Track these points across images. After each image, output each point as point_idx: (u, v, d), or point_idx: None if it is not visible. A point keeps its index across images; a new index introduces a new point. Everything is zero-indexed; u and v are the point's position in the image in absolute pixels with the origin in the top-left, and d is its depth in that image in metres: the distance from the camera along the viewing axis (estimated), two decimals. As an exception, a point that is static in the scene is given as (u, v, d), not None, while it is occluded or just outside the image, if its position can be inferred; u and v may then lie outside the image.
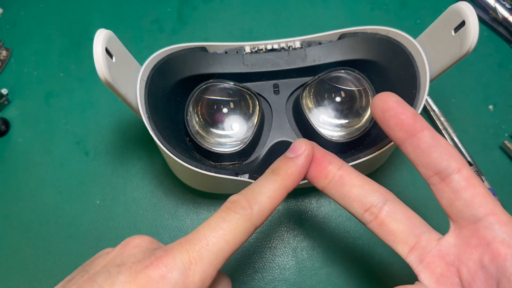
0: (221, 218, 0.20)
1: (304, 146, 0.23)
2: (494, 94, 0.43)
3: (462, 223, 0.20)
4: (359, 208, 0.22)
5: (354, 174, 0.23)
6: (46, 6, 0.47)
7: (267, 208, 0.21)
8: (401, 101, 0.21)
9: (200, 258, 0.19)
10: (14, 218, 0.39)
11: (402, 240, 0.22)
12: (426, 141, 0.21)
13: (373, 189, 0.22)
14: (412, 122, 0.21)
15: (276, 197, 0.22)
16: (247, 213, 0.20)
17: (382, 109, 0.21)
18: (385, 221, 0.22)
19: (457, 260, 0.20)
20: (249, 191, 0.22)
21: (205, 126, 0.34)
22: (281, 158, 0.23)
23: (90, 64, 0.42)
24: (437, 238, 0.21)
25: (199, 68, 0.34)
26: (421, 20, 0.46)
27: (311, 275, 0.37)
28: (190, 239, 0.20)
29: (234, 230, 0.20)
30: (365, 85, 0.34)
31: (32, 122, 0.42)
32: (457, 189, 0.20)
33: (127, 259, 0.20)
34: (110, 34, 0.26)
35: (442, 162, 0.20)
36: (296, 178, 0.22)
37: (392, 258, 0.38)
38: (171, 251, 0.19)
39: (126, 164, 0.41)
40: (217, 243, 0.19)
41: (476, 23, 0.26)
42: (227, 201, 0.21)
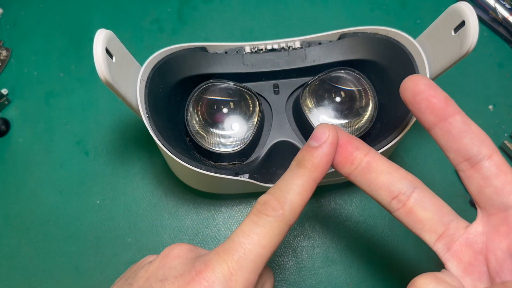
0: (254, 223, 0.20)
1: (328, 132, 0.21)
2: (494, 94, 0.43)
3: (491, 210, 0.20)
4: (386, 196, 0.21)
5: (382, 160, 0.22)
6: (46, 6, 0.47)
7: (299, 205, 0.21)
8: (432, 84, 0.20)
9: (240, 268, 0.19)
10: (14, 218, 0.39)
11: (430, 229, 0.21)
12: (457, 126, 0.20)
13: (401, 176, 0.21)
14: (443, 106, 0.20)
15: (306, 191, 0.21)
16: (279, 214, 0.20)
17: (413, 92, 0.21)
18: (414, 209, 0.21)
19: (485, 249, 0.20)
20: (277, 190, 0.21)
21: (205, 126, 0.34)
22: (305, 148, 0.22)
23: (90, 64, 0.42)
24: (465, 226, 0.21)
25: (199, 68, 0.34)
26: (421, 20, 0.46)
27: (311, 275, 0.37)
28: (227, 248, 0.19)
29: (269, 234, 0.20)
30: (365, 85, 0.34)
31: (32, 122, 0.42)
32: (487, 176, 0.20)
33: (168, 272, 0.20)
34: (110, 34, 0.26)
35: (473, 148, 0.20)
36: (323, 169, 0.21)
37: (392, 258, 0.38)
38: (210, 264, 0.19)
39: (126, 164, 0.41)
40: (254, 250, 0.19)
41: (476, 23, 0.26)
42: (257, 202, 0.21)
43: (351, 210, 0.39)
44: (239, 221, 0.39)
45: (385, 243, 0.38)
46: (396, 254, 0.38)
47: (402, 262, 0.38)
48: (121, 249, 0.38)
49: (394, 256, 0.38)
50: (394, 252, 0.38)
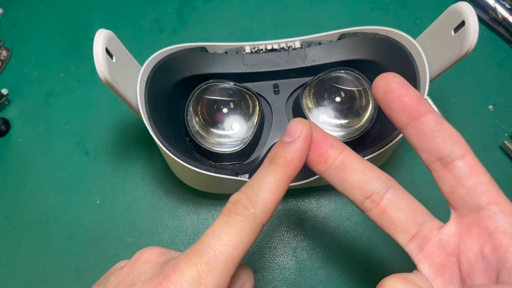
0: (224, 223, 0.19)
1: (301, 127, 0.20)
2: (494, 94, 0.43)
3: (463, 211, 0.20)
4: (359, 196, 0.21)
5: (356, 159, 0.21)
6: (46, 6, 0.47)
7: (271, 203, 0.20)
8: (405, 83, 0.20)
9: (210, 270, 0.18)
10: (14, 218, 0.39)
11: (403, 230, 0.21)
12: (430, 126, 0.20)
13: (375, 176, 0.21)
14: (416, 105, 0.20)
15: (279, 189, 0.20)
16: (251, 213, 0.19)
17: (384, 90, 0.20)
18: (387, 210, 0.21)
19: (457, 250, 0.20)
20: (249, 188, 0.20)
21: (205, 126, 0.34)
22: (278, 144, 0.21)
23: (90, 64, 0.42)
24: (439, 226, 0.20)
25: (199, 68, 0.34)
26: (421, 20, 0.46)
27: (311, 275, 0.37)
28: (196, 250, 0.19)
29: (239, 234, 0.19)
30: (365, 85, 0.34)
31: (32, 122, 0.42)
32: (459, 176, 0.19)
33: (137, 277, 0.19)
34: (110, 34, 0.27)
35: (446, 147, 0.19)
36: (297, 165, 0.21)
37: (391, 258, 0.38)
38: (179, 267, 0.18)
39: (126, 164, 0.41)
40: (224, 251, 0.19)
41: (476, 23, 0.26)
42: (228, 202, 0.20)
43: (351, 210, 0.39)
44: (239, 221, 0.39)
45: (385, 243, 0.38)
46: (396, 254, 0.38)
47: (402, 262, 0.38)
48: (121, 249, 0.38)
49: (394, 256, 0.38)
50: (394, 252, 0.38)
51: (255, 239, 0.20)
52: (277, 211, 0.39)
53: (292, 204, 0.40)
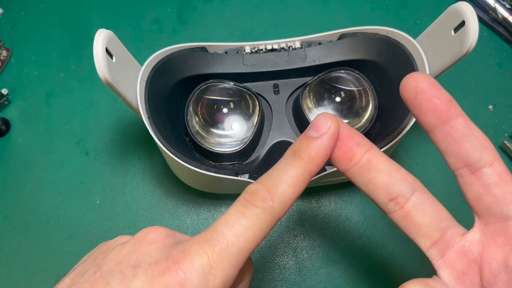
0: (240, 213, 0.18)
1: (329, 123, 0.19)
2: (493, 94, 0.43)
3: (489, 219, 0.19)
4: (384, 197, 0.20)
5: (383, 158, 0.20)
6: (46, 6, 0.47)
7: (290, 198, 0.19)
8: (435, 83, 0.19)
9: (221, 261, 0.17)
10: (14, 218, 0.39)
11: (426, 234, 0.20)
12: (460, 130, 0.19)
13: (401, 177, 0.20)
14: (446, 108, 0.19)
15: (299, 184, 0.19)
16: (269, 206, 0.18)
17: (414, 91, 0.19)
18: (411, 213, 0.20)
19: (480, 258, 0.19)
20: (269, 179, 0.19)
21: (205, 126, 0.34)
22: (302, 137, 0.20)
23: (90, 64, 0.42)
24: (462, 233, 0.20)
25: (199, 68, 0.34)
26: (421, 20, 0.46)
27: (311, 275, 0.37)
28: (208, 238, 0.18)
29: (255, 227, 0.18)
30: (365, 85, 0.34)
31: (32, 122, 0.42)
32: (487, 184, 0.19)
33: (142, 258, 0.18)
34: (110, 34, 0.26)
35: (475, 153, 0.19)
36: (321, 161, 0.19)
37: (391, 258, 0.38)
38: (189, 253, 0.17)
39: (126, 164, 0.41)
40: (237, 243, 0.18)
41: (476, 23, 0.26)
42: (245, 191, 0.19)
43: (351, 210, 0.39)
44: (239, 221, 0.39)
45: (385, 243, 0.38)
46: (396, 254, 0.38)
47: (402, 262, 0.38)
48: (121, 249, 0.38)
49: (394, 256, 0.38)
50: (394, 252, 0.38)
51: (269, 233, 0.19)
52: (277, 211, 0.39)
53: (292, 204, 0.40)
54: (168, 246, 0.19)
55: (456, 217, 0.21)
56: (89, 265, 0.20)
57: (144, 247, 0.19)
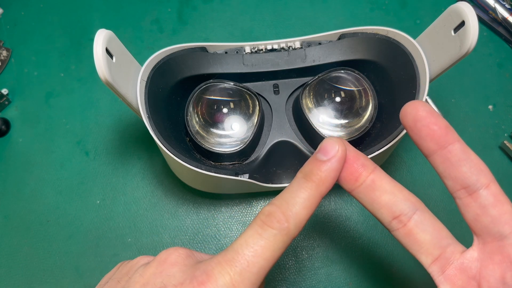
0: (258, 234, 0.20)
1: (337, 147, 0.21)
2: (493, 94, 0.43)
3: (487, 238, 0.20)
4: (387, 216, 0.21)
5: (386, 179, 0.22)
6: (46, 6, 0.47)
7: (304, 219, 0.20)
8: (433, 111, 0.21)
9: (242, 280, 0.19)
10: (14, 218, 0.39)
11: (427, 251, 0.21)
12: (457, 154, 0.20)
13: (404, 197, 0.21)
14: (444, 134, 0.20)
15: (312, 205, 0.21)
16: (285, 227, 0.20)
17: (414, 118, 0.20)
18: (413, 231, 0.21)
19: (478, 275, 0.20)
20: (283, 202, 0.21)
21: (205, 126, 0.35)
22: (312, 160, 0.21)
23: (90, 64, 0.42)
24: (461, 250, 0.21)
25: (199, 68, 0.34)
26: (421, 20, 0.46)
27: (311, 275, 0.37)
28: (229, 259, 0.19)
29: (272, 247, 0.19)
30: (365, 85, 0.34)
31: (32, 122, 0.42)
32: (484, 205, 0.20)
33: (167, 280, 0.19)
34: (111, 34, 0.27)
35: (471, 176, 0.20)
36: (330, 183, 0.21)
37: (391, 258, 0.38)
38: (213, 275, 0.19)
39: (126, 164, 0.41)
40: (257, 263, 0.19)
41: (476, 23, 0.26)
42: (261, 213, 0.20)
43: (351, 210, 0.39)
44: (239, 221, 0.39)
45: (385, 243, 0.38)
46: (396, 254, 0.38)
47: (402, 262, 0.38)
48: (121, 249, 0.38)
49: (394, 256, 0.38)
50: (394, 252, 0.38)
51: (283, 251, 0.20)
52: (277, 211, 0.39)
53: (292, 204, 0.40)
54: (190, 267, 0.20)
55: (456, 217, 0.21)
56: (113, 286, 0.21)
57: (167, 269, 0.20)
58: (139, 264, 0.22)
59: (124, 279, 0.21)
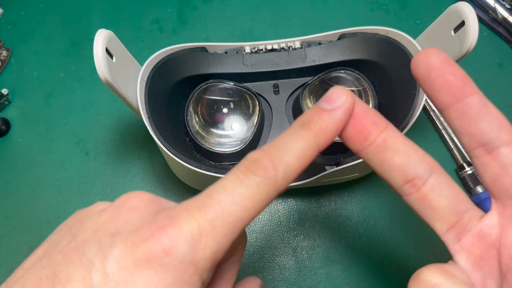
0: (239, 180, 0.17)
1: (345, 96, 0.18)
2: (493, 94, 0.43)
3: (507, 201, 0.18)
4: (400, 179, 0.19)
5: (400, 138, 0.19)
6: (46, 6, 0.47)
7: (295, 171, 0.17)
8: (449, 60, 0.18)
9: (213, 230, 0.16)
10: (14, 218, 0.39)
11: (443, 218, 0.19)
12: (475, 108, 0.18)
13: (419, 158, 0.19)
14: (461, 85, 0.18)
15: (306, 157, 0.18)
16: (271, 175, 0.17)
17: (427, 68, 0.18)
18: (428, 196, 0.19)
19: (498, 242, 0.18)
20: (273, 148, 0.18)
21: (205, 126, 0.35)
22: (313, 109, 0.19)
23: (90, 64, 0.42)
24: (479, 216, 0.19)
25: (199, 68, 0.34)
26: (421, 20, 0.46)
27: (311, 275, 0.37)
28: (201, 204, 0.16)
29: (254, 197, 0.16)
30: (365, 85, 0.34)
31: (32, 122, 0.42)
32: (505, 164, 0.18)
33: (122, 226, 0.16)
34: (110, 34, 0.27)
35: (491, 132, 0.18)
36: (331, 136, 0.18)
37: (391, 258, 0.38)
38: (177, 219, 0.16)
39: (126, 164, 0.41)
40: (233, 212, 0.16)
41: (476, 23, 0.26)
42: (245, 158, 0.17)
43: (351, 210, 0.39)
44: (239, 221, 0.39)
45: (385, 243, 0.38)
46: (396, 254, 0.38)
47: (402, 262, 0.38)
48: (121, 249, 0.38)
49: (394, 256, 0.38)
50: (394, 252, 0.38)
51: (267, 205, 0.17)
52: (277, 211, 0.39)
53: (292, 204, 0.40)
54: (152, 213, 0.17)
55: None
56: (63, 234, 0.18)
57: (124, 214, 0.17)
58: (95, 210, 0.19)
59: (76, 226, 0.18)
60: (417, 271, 0.18)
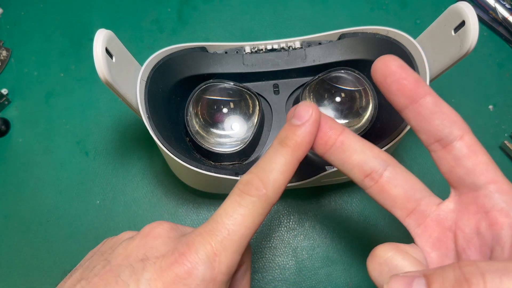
0: (237, 203, 0.20)
1: (311, 110, 0.21)
2: (494, 94, 0.43)
3: (462, 190, 0.20)
4: (359, 174, 0.21)
5: (355, 139, 0.22)
6: (46, 6, 0.47)
7: (282, 184, 0.21)
8: (403, 65, 0.20)
9: (224, 248, 0.19)
10: (14, 218, 0.39)
11: (402, 205, 0.21)
12: (428, 108, 0.20)
13: (374, 155, 0.21)
14: (414, 88, 0.20)
15: (289, 171, 0.21)
16: (263, 194, 0.20)
17: (383, 74, 0.20)
18: (385, 187, 0.21)
19: (454, 226, 0.20)
20: (260, 169, 0.21)
21: (205, 126, 0.34)
22: (287, 126, 0.22)
23: (90, 64, 0.42)
24: (437, 203, 0.21)
25: (199, 68, 0.34)
26: (421, 20, 0.46)
27: (311, 275, 0.37)
28: (210, 229, 0.19)
29: (252, 214, 0.20)
30: (365, 85, 0.34)
31: (32, 122, 0.42)
32: (458, 157, 0.20)
33: (150, 252, 0.20)
34: (110, 34, 0.26)
35: (444, 129, 0.20)
36: (306, 147, 0.21)
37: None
38: (193, 245, 0.19)
39: (126, 164, 0.41)
40: (238, 231, 0.19)
41: (476, 23, 0.26)
42: (239, 182, 0.21)
43: (351, 210, 0.39)
44: (239, 221, 0.39)
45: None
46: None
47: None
48: (121, 249, 0.38)
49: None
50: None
51: (265, 218, 0.20)
52: (277, 211, 0.39)
53: (292, 204, 0.40)
54: (173, 240, 0.20)
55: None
56: (97, 259, 0.21)
57: (150, 241, 0.20)
58: (123, 238, 0.22)
59: (108, 252, 0.21)
60: (374, 248, 0.20)
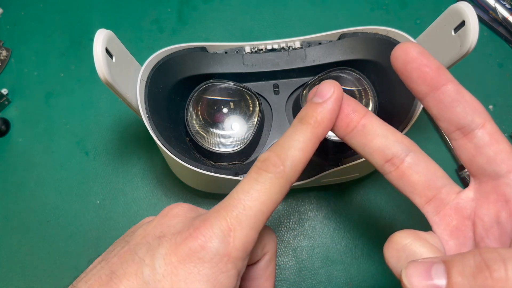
0: (254, 179, 0.20)
1: (333, 88, 0.21)
2: (494, 94, 0.43)
3: (482, 178, 0.20)
4: (380, 159, 0.21)
5: (378, 123, 0.21)
6: (46, 6, 0.47)
7: (300, 162, 0.20)
8: (424, 52, 0.20)
9: (239, 224, 0.19)
10: (14, 218, 0.39)
11: (421, 192, 0.21)
12: (450, 95, 0.19)
13: (396, 140, 0.21)
14: (436, 75, 0.20)
15: (308, 148, 0.20)
16: (280, 170, 0.20)
17: (404, 61, 0.20)
18: (406, 173, 0.21)
19: (473, 214, 0.20)
20: (278, 147, 0.20)
21: (205, 126, 0.34)
22: (308, 104, 0.21)
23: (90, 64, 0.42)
24: (457, 191, 0.21)
25: (199, 68, 0.34)
26: (421, 20, 0.46)
27: (311, 275, 0.37)
28: (226, 205, 0.19)
29: (269, 191, 0.19)
30: (365, 85, 0.34)
31: (32, 122, 0.42)
32: (479, 145, 0.19)
33: (166, 230, 0.20)
34: (110, 34, 0.26)
35: (466, 117, 0.19)
36: (327, 125, 0.21)
37: (392, 258, 0.38)
38: (209, 220, 0.19)
39: (126, 164, 0.41)
40: (254, 207, 0.19)
41: (476, 23, 0.26)
42: (257, 160, 0.20)
43: (351, 210, 0.39)
44: (239, 221, 0.39)
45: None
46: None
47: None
48: (121, 249, 0.38)
49: (394, 256, 0.38)
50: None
51: (283, 196, 0.20)
52: (277, 211, 0.39)
53: (292, 204, 0.40)
54: (190, 219, 0.20)
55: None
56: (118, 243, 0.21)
57: (168, 221, 0.20)
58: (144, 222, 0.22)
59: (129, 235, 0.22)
60: (391, 235, 0.20)
